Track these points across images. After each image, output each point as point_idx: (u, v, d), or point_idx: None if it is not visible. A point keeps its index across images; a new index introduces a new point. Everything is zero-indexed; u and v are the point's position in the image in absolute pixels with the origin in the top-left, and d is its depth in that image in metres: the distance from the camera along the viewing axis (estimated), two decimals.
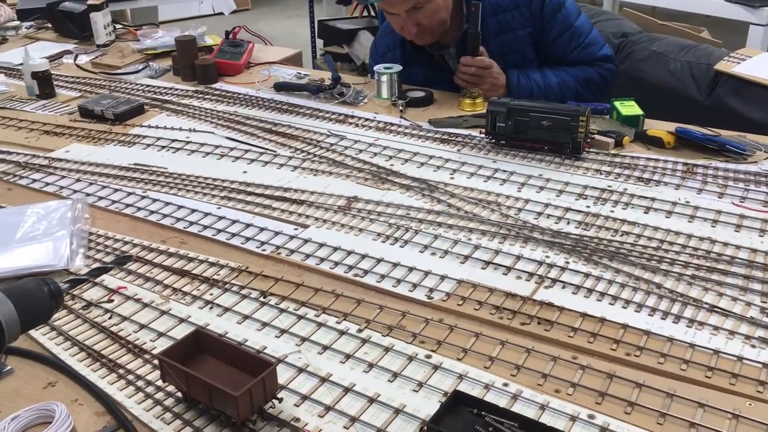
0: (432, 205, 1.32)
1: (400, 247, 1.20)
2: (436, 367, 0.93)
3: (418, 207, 1.32)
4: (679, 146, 1.49)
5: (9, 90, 1.96)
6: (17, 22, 2.58)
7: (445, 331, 1.00)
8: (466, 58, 1.72)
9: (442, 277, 1.11)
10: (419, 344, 0.98)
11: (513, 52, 1.79)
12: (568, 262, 1.13)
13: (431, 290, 1.09)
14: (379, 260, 1.16)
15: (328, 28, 5.29)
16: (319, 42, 5.39)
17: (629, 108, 1.58)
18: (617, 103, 1.60)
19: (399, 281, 1.11)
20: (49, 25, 2.52)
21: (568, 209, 1.28)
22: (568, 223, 1.24)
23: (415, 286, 1.10)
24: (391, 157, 1.52)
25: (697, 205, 1.28)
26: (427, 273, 1.12)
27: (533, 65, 1.83)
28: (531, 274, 1.11)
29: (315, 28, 5.43)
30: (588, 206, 1.29)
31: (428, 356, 0.96)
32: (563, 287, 1.07)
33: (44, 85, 1.88)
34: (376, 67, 1.83)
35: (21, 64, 2.09)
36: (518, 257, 1.15)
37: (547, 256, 1.15)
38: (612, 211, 1.27)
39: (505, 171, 1.43)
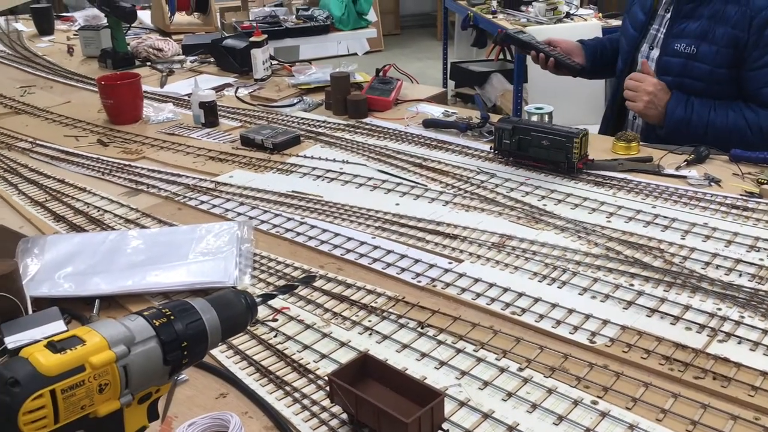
0: (589, 248, 1.29)
1: (558, 288, 1.18)
2: (603, 414, 0.90)
3: (575, 249, 1.29)
4: None
5: (177, 118, 2.11)
6: (182, 57, 2.79)
7: (611, 377, 0.97)
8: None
9: (605, 322, 1.08)
10: (584, 389, 0.95)
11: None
12: (743, 317, 1.07)
13: (593, 334, 1.05)
14: (536, 299, 1.15)
15: (461, 70, 5.37)
16: (450, 83, 5.47)
17: None
18: None
19: (559, 322, 1.09)
20: (212, 60, 2.70)
21: (739, 261, 1.21)
22: (740, 275, 1.17)
23: (576, 328, 1.07)
24: (543, 197, 1.50)
25: None
26: (588, 316, 1.10)
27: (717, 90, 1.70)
28: (702, 326, 1.05)
29: (447, 70, 5.51)
30: (762, 259, 1.22)
31: (594, 402, 0.93)
32: (739, 342, 1.01)
33: (210, 114, 2.01)
34: (526, 108, 1.83)
35: (187, 94, 2.26)
36: (687, 307, 1.10)
37: (719, 308, 1.09)
38: None
39: (666, 217, 1.38)
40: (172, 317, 0.69)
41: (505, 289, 1.18)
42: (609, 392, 0.94)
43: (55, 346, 0.61)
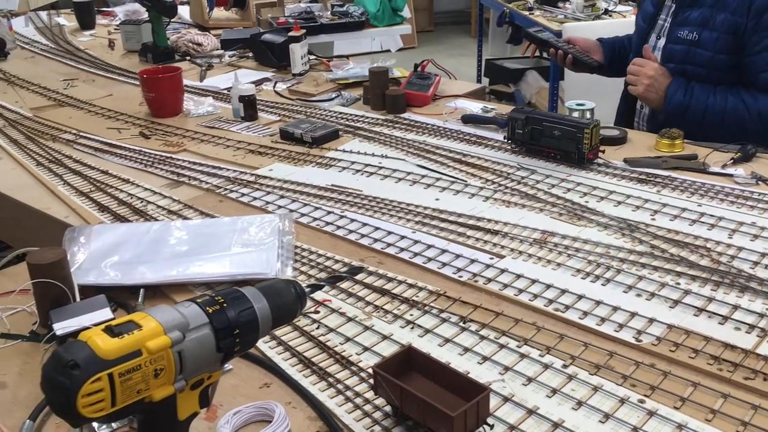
0: (633, 245, 1.27)
1: (602, 285, 1.17)
2: (651, 413, 0.89)
3: (618, 246, 1.27)
4: None
5: (216, 111, 2.12)
6: (221, 51, 2.82)
7: (658, 376, 0.96)
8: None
9: (651, 320, 1.06)
10: (630, 387, 0.94)
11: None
12: None
13: (639, 332, 1.04)
14: (580, 296, 1.13)
15: (496, 67, 5.32)
16: (484, 80, 5.44)
17: None
18: None
19: (603, 320, 1.07)
20: (250, 55, 2.72)
21: None
22: None
23: (621, 326, 1.06)
24: (585, 194, 1.49)
25: None
26: (633, 314, 1.08)
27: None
28: (752, 326, 1.03)
29: (482, 67, 5.48)
30: None
31: (641, 401, 0.91)
32: None
33: (249, 108, 2.02)
34: (567, 104, 1.81)
35: (226, 88, 2.28)
36: (735, 307, 1.08)
37: None
38: None
39: (712, 216, 1.35)
40: (224, 305, 0.69)
41: (548, 286, 1.17)
42: (656, 391, 0.93)
43: (112, 330, 0.62)
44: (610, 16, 3.87)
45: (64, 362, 0.59)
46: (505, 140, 1.72)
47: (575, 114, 1.78)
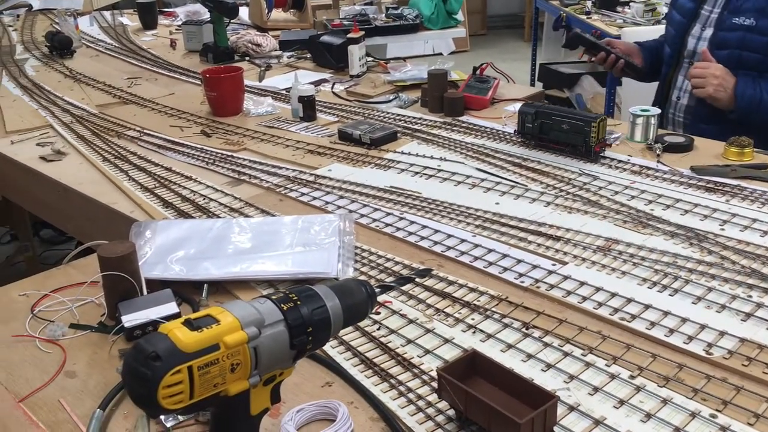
0: (702, 256, 1.24)
1: (669, 295, 1.14)
2: (724, 429, 0.86)
3: (686, 256, 1.24)
4: None
5: (275, 111, 2.15)
6: (279, 52, 2.85)
7: (731, 391, 0.93)
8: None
9: (722, 333, 1.03)
10: (701, 401, 0.92)
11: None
12: None
13: (710, 345, 1.01)
14: (646, 306, 1.11)
15: (550, 72, 5.26)
16: (538, 85, 5.37)
17: None
18: None
19: (672, 331, 1.05)
20: (308, 56, 2.75)
21: None
22: None
23: (690, 338, 1.03)
24: (650, 202, 1.45)
25: None
26: (703, 326, 1.05)
27: None
28: None
29: (536, 71, 5.42)
30: None
31: (713, 415, 0.89)
32: None
33: (308, 108, 2.04)
34: (631, 109, 1.77)
35: (285, 88, 2.31)
36: None
37: None
38: None
39: None
40: (298, 302, 0.70)
41: (613, 294, 1.15)
42: (728, 406, 0.90)
43: (192, 323, 0.63)
44: None
45: (146, 353, 0.60)
46: (515, 134, 1.79)
47: (639, 121, 1.75)
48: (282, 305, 0.68)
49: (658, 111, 1.75)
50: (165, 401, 0.60)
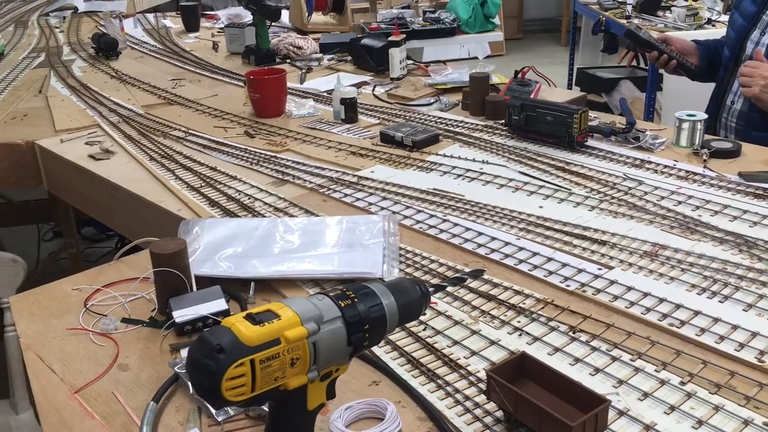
0: (752, 263, 1.22)
1: (719, 302, 1.13)
2: None
3: (736, 262, 1.23)
4: None
5: (317, 113, 2.17)
6: (320, 54, 2.87)
7: None
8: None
9: None
10: (754, 409, 0.90)
11: None
12: None
13: (762, 353, 1.00)
14: (696, 312, 1.10)
15: (588, 76, 5.22)
16: (575, 89, 5.33)
17: None
18: None
19: (722, 338, 1.04)
20: (349, 58, 2.77)
21: None
22: None
23: (742, 345, 1.02)
24: (697, 207, 1.44)
25: None
26: (755, 334, 1.04)
27: None
28: None
29: (573, 75, 5.38)
30: None
31: (766, 424, 0.87)
32: None
33: (350, 110, 2.06)
34: (677, 114, 1.75)
35: (327, 90, 2.33)
36: None
37: None
38: None
39: None
40: (355, 299, 0.71)
41: (661, 300, 1.14)
42: None
43: (253, 318, 0.64)
44: (713, 25, 3.73)
45: (210, 346, 0.62)
46: (503, 126, 1.88)
47: (684, 125, 1.73)
48: (340, 302, 0.70)
49: (705, 116, 1.73)
50: (228, 393, 0.62)
